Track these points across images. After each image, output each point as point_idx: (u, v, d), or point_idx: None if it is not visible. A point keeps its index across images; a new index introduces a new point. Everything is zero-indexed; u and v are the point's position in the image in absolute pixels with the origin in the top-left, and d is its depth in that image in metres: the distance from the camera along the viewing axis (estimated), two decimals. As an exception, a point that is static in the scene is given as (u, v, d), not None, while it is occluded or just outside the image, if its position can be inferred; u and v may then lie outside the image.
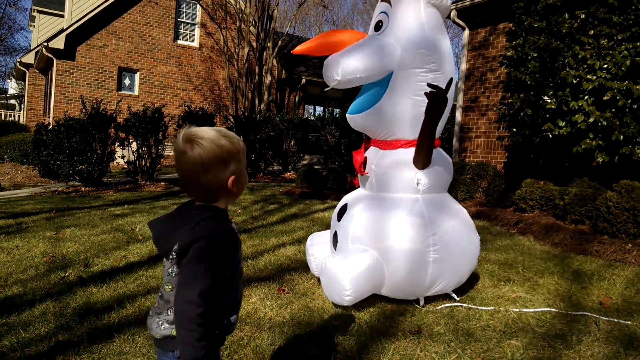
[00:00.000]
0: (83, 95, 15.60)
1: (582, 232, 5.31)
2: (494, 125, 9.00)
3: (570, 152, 6.17)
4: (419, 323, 3.03)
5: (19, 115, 24.02)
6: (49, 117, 16.50)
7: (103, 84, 16.84)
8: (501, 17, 9.29)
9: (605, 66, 5.61)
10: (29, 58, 20.55)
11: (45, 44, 15.81)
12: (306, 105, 22.21)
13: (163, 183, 10.40)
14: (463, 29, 10.20)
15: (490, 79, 9.62)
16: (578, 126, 5.76)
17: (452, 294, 3.47)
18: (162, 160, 11.22)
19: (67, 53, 16.20)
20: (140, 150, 10.32)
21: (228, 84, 17.73)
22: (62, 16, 20.58)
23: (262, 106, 17.10)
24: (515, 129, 6.66)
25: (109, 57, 16.89)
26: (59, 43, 15.82)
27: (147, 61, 17.53)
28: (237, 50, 17.44)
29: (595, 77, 5.63)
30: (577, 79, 5.73)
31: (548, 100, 5.98)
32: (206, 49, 18.56)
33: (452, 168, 3.55)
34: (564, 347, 2.71)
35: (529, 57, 6.26)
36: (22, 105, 26.16)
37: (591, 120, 5.64)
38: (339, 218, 3.55)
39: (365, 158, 3.55)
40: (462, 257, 3.30)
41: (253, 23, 17.10)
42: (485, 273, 4.11)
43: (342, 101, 20.42)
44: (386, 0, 3.44)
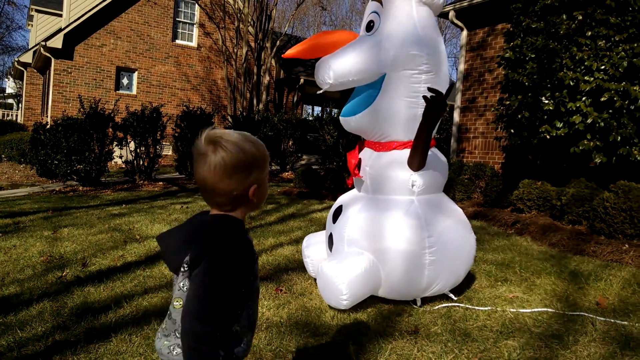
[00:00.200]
0: (81, 94, 15.62)
1: (580, 233, 5.32)
2: (492, 126, 9.02)
3: (567, 153, 6.19)
4: (416, 323, 3.03)
5: (17, 114, 24.00)
6: (47, 117, 16.47)
7: (101, 84, 16.82)
8: (499, 18, 9.31)
9: (602, 67, 5.62)
10: (27, 57, 20.52)
11: (43, 43, 15.79)
12: (304, 105, 22.21)
13: (161, 183, 10.39)
14: (461, 30, 10.22)
15: (488, 80, 9.64)
16: (576, 127, 5.77)
17: (450, 294, 3.47)
18: (160, 160, 11.22)
19: (65, 52, 16.17)
20: (138, 149, 10.31)
21: (226, 84, 17.72)
22: (61, 15, 20.55)
23: (261, 106, 17.10)
24: (513, 130, 6.68)
25: (107, 57, 16.87)
26: (57, 42, 15.79)
27: (146, 61, 17.52)
28: (236, 50, 17.44)
29: (592, 79, 5.64)
30: (575, 80, 5.75)
31: (546, 101, 5.99)
32: (204, 49, 18.55)
33: (447, 168, 3.54)
34: (561, 347, 2.72)
35: (527, 59, 6.28)
36: (20, 104, 26.12)
37: (589, 121, 5.66)
38: (334, 220, 3.54)
39: (359, 160, 3.53)
40: (459, 258, 3.30)
41: (251, 23, 17.10)
42: (482, 273, 4.12)
43: (340, 101, 20.43)
44: None
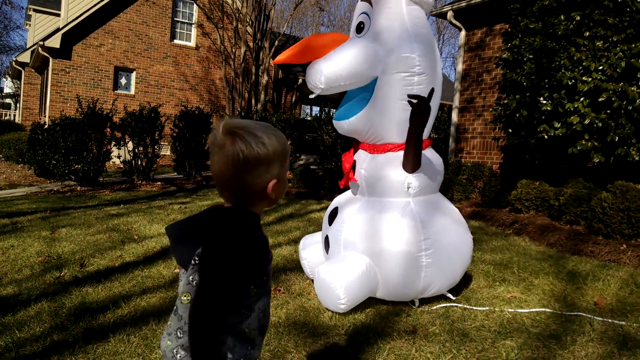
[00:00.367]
0: (79, 94, 15.60)
1: (577, 233, 5.33)
2: (490, 126, 9.03)
3: (565, 153, 6.19)
4: (414, 323, 3.03)
5: (15, 114, 23.96)
6: (45, 117, 16.45)
7: (99, 84, 16.80)
8: (497, 18, 9.32)
9: (600, 68, 5.63)
10: (25, 57, 20.47)
11: (41, 43, 15.76)
12: (303, 105, 22.20)
13: (159, 183, 10.38)
14: (460, 30, 10.23)
15: (486, 80, 9.65)
16: (573, 127, 5.78)
17: (448, 294, 3.48)
18: (158, 160, 11.21)
19: (63, 52, 16.15)
20: (136, 149, 10.30)
21: (225, 84, 17.71)
22: (59, 15, 20.52)
23: (259, 106, 17.09)
24: (511, 130, 6.69)
25: (105, 57, 16.85)
26: (55, 42, 15.77)
27: (144, 60, 17.50)
28: (234, 50, 17.43)
29: (590, 79, 5.65)
30: (573, 81, 5.75)
31: (544, 101, 6.00)
32: (203, 49, 18.54)
33: (443, 168, 3.52)
34: (559, 347, 2.72)
35: (525, 59, 6.28)
36: (18, 104, 26.09)
37: (587, 121, 5.66)
38: (330, 222, 3.53)
39: (354, 162, 3.51)
40: (456, 258, 3.30)
41: (250, 23, 17.09)
42: (480, 273, 4.12)
43: (339, 101, 20.41)
44: (366, 0, 3.34)
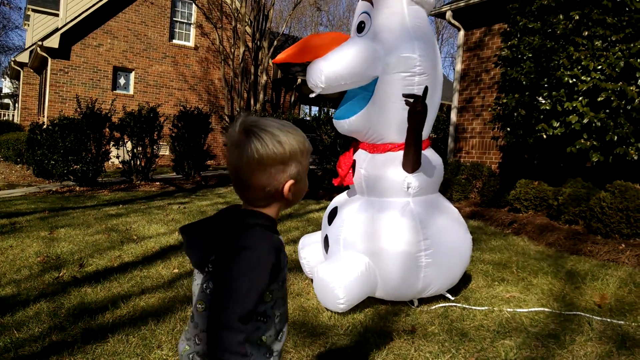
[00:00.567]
0: (78, 94, 15.57)
1: (576, 232, 5.33)
2: (489, 125, 9.03)
3: (564, 153, 6.20)
4: (413, 323, 3.03)
5: (13, 114, 23.94)
6: (44, 117, 16.43)
7: (98, 84, 16.78)
8: (496, 18, 9.32)
9: (599, 67, 5.63)
10: (24, 57, 20.45)
11: (39, 43, 15.73)
12: (302, 105, 22.20)
13: (158, 183, 10.38)
14: (458, 30, 10.23)
15: (485, 80, 9.65)
16: (572, 127, 5.78)
17: (447, 294, 3.48)
18: (157, 160, 11.20)
19: (62, 52, 16.12)
20: (135, 150, 10.29)
21: (224, 84, 17.70)
22: (57, 15, 20.49)
23: (258, 106, 17.08)
24: (509, 129, 6.69)
25: (104, 57, 16.83)
26: (54, 42, 15.75)
27: (143, 60, 17.48)
28: (233, 50, 17.42)
29: (589, 78, 5.65)
30: (574, 79, 5.75)
31: (543, 100, 6.00)
32: (202, 49, 18.53)
33: (443, 168, 3.52)
34: (557, 347, 2.73)
35: (524, 58, 6.28)
36: (17, 104, 26.06)
37: (585, 121, 5.67)
38: (330, 221, 3.53)
39: (354, 161, 3.51)
40: (455, 258, 3.30)
41: (249, 23, 17.08)
42: (479, 273, 4.12)
43: (338, 101, 20.40)
44: None
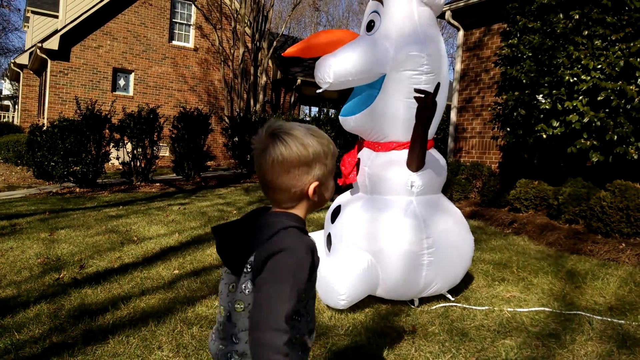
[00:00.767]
0: (77, 96, 15.57)
1: (576, 232, 5.33)
2: (489, 125, 9.02)
3: (564, 152, 6.19)
4: (414, 323, 3.03)
5: (13, 116, 23.93)
6: (44, 118, 16.43)
7: (97, 85, 16.78)
8: (495, 18, 9.32)
9: (599, 66, 5.63)
10: (23, 59, 20.45)
11: (39, 45, 15.74)
12: (301, 105, 22.20)
13: (158, 184, 10.37)
14: (458, 30, 10.23)
15: (484, 80, 9.65)
16: (572, 126, 5.78)
17: (447, 294, 3.48)
18: (157, 161, 11.20)
19: (62, 54, 16.13)
20: (135, 151, 10.29)
21: (223, 85, 17.71)
22: (57, 17, 20.50)
23: (258, 107, 17.08)
24: (509, 129, 6.68)
25: (104, 58, 16.83)
26: (53, 44, 15.75)
27: (142, 62, 17.48)
28: (232, 51, 17.42)
29: (589, 77, 5.65)
30: (575, 78, 5.74)
31: (542, 100, 6.00)
32: (201, 50, 18.54)
33: (446, 169, 3.55)
34: (558, 347, 2.72)
35: (524, 57, 6.28)
36: (16, 106, 26.06)
37: (585, 120, 5.66)
38: (333, 219, 3.54)
39: (358, 159, 3.53)
40: (457, 259, 3.30)
41: (248, 24, 17.08)
42: (479, 273, 4.12)
43: (338, 102, 20.41)
44: None
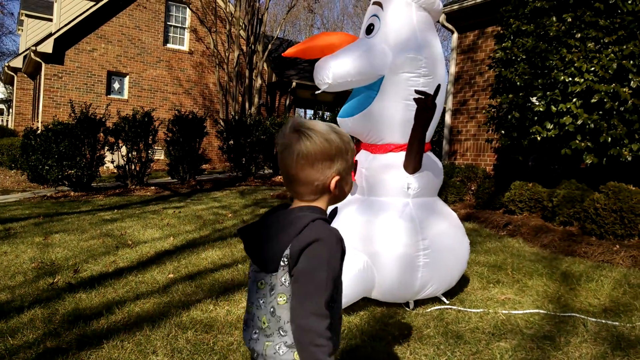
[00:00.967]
0: (72, 99, 15.53)
1: (571, 234, 5.35)
2: (483, 128, 9.05)
3: (558, 154, 6.22)
4: (409, 326, 3.03)
5: (8, 119, 23.85)
6: (38, 122, 16.38)
7: (92, 88, 16.74)
8: (489, 21, 9.36)
9: (592, 69, 5.66)
10: (17, 62, 20.38)
11: (33, 48, 15.69)
12: (297, 108, 22.20)
13: (153, 187, 10.35)
14: (452, 32, 10.27)
15: (479, 82, 9.68)
16: (566, 128, 5.81)
17: (442, 297, 3.48)
18: (152, 164, 11.17)
19: (56, 57, 16.08)
20: (129, 154, 10.27)
21: (218, 88, 17.70)
22: (51, 20, 20.47)
23: (253, 110, 17.08)
24: (503, 131, 6.71)
25: (98, 61, 16.80)
26: (48, 47, 15.71)
27: (137, 65, 17.46)
28: (227, 53, 17.42)
29: (582, 80, 5.68)
30: (571, 77, 5.76)
31: (536, 102, 6.03)
32: (196, 53, 18.53)
33: (442, 172, 3.56)
34: (552, 349, 2.73)
35: (518, 59, 6.31)
36: (10, 109, 25.96)
37: (579, 122, 5.69)
38: (329, 222, 3.54)
39: (355, 161, 3.54)
40: (452, 262, 3.31)
41: (243, 27, 17.08)
42: (474, 275, 4.13)
43: (333, 104, 20.45)
44: (377, 3, 3.44)
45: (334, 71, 3.18)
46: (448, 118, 10.29)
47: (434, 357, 2.61)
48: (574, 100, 5.76)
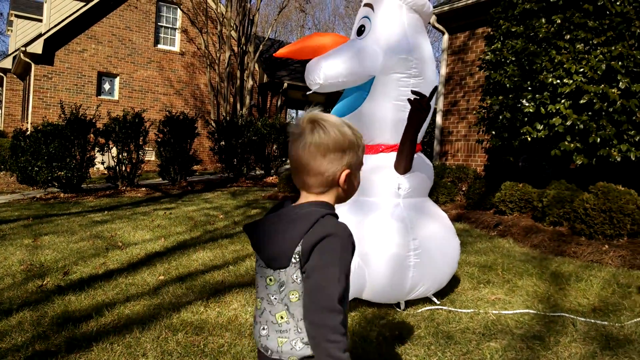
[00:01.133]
0: (62, 100, 15.43)
1: (560, 234, 5.38)
2: (474, 128, 9.09)
3: (548, 155, 6.26)
4: (400, 327, 3.04)
5: (-3, 120, 23.62)
6: (27, 123, 16.26)
7: (82, 89, 16.64)
8: (480, 22, 9.40)
9: (581, 70, 5.70)
10: (7, 63, 20.23)
11: (23, 49, 15.58)
12: (288, 109, 22.19)
13: (144, 189, 10.30)
14: (443, 34, 10.31)
15: (469, 83, 9.72)
16: (556, 129, 5.84)
17: (433, 298, 3.49)
18: (143, 165, 11.13)
19: (46, 58, 15.98)
20: (120, 155, 10.22)
21: (210, 89, 17.66)
22: (41, 20, 20.34)
23: (244, 110, 17.05)
24: (494, 132, 6.74)
25: (88, 62, 16.70)
26: (37, 48, 15.61)
27: (127, 66, 17.38)
28: (219, 54, 17.38)
29: (572, 81, 5.72)
30: (559, 79, 5.80)
31: (526, 103, 6.06)
32: (187, 54, 18.47)
33: (433, 173, 3.57)
34: (542, 349, 2.75)
35: (507, 61, 6.34)
36: (0, 110, 25.75)
37: (568, 123, 5.73)
38: None
39: None
40: (443, 262, 3.32)
41: (234, 27, 17.06)
42: (465, 275, 4.14)
43: (324, 105, 20.40)
44: (368, 4, 3.45)
45: (325, 72, 3.18)
46: (439, 119, 10.33)
47: (425, 358, 2.62)
48: (563, 101, 5.80)
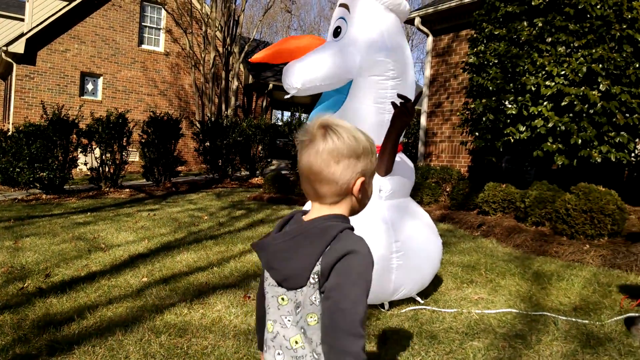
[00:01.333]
0: (44, 100, 15.27)
1: (543, 234, 5.44)
2: (458, 130, 9.17)
3: (530, 156, 6.33)
4: (384, 327, 3.05)
5: (-23, 121, 23.27)
6: (9, 123, 16.05)
7: (65, 89, 16.47)
8: (463, 25, 9.49)
9: (562, 72, 5.78)
10: (-13, 62, 19.96)
11: (4, 48, 15.38)
12: (274, 110, 22.18)
13: (127, 190, 10.22)
14: (427, 36, 10.38)
15: (453, 85, 9.80)
16: (538, 131, 5.92)
17: (417, 297, 3.51)
18: (127, 166, 11.04)
19: (28, 57, 15.80)
20: (103, 156, 10.13)
21: (194, 89, 17.58)
22: (22, 20, 20.05)
23: (229, 111, 17.00)
24: (478, 134, 6.80)
25: (71, 62, 16.54)
26: (19, 47, 15.42)
27: (111, 66, 17.24)
28: (203, 55, 17.31)
29: (553, 83, 5.79)
30: (537, 85, 5.88)
31: (509, 105, 6.13)
32: (172, 54, 18.37)
33: (414, 173, 3.58)
34: (524, 347, 2.78)
35: (490, 64, 6.41)
36: (-20, 110, 25.36)
37: (550, 125, 5.80)
38: None
39: None
40: (425, 262, 3.34)
41: (219, 28, 17.00)
42: (448, 275, 4.17)
43: (310, 106, 20.46)
44: (344, 5, 3.39)
45: (302, 76, 3.12)
46: (423, 120, 10.39)
47: (409, 357, 2.63)
48: (545, 103, 5.87)
